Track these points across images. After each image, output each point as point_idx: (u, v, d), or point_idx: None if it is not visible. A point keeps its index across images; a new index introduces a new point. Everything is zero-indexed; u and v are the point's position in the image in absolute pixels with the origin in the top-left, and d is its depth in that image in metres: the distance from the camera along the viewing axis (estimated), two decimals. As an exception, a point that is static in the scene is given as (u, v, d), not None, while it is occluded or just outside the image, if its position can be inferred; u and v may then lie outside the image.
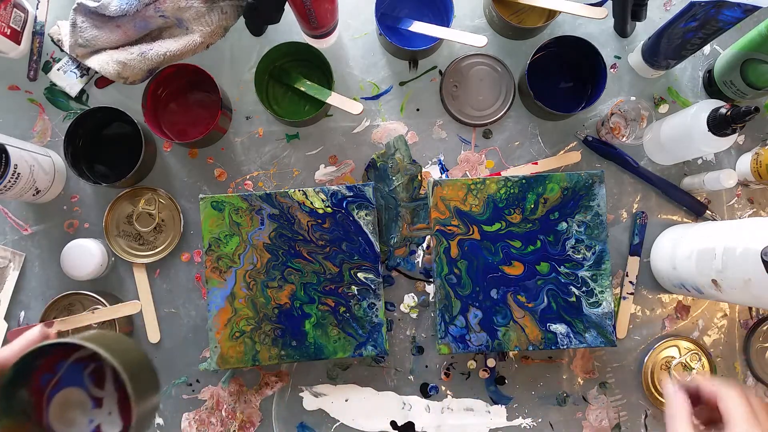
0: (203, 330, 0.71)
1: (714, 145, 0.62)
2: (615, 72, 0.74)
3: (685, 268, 0.63)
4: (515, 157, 0.73)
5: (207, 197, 0.67)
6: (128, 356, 0.41)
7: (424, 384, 0.72)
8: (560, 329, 0.66)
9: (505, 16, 0.70)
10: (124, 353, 0.40)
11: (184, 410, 0.71)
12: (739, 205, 0.73)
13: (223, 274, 0.66)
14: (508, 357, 0.72)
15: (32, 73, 0.72)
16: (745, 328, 0.72)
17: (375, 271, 0.67)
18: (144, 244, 0.71)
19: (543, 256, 0.67)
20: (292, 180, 0.73)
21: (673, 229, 0.70)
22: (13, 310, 0.71)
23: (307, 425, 0.71)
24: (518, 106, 0.74)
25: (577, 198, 0.67)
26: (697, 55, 0.74)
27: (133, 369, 0.40)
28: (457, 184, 0.67)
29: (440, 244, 0.67)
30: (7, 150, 0.61)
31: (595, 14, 0.67)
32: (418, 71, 0.74)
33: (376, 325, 0.67)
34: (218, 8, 0.65)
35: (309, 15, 0.64)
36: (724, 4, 0.56)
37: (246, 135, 0.73)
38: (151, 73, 0.68)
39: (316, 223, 0.67)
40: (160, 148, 0.73)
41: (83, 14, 0.67)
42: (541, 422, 0.71)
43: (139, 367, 0.41)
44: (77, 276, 0.68)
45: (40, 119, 0.73)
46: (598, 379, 0.72)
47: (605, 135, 0.71)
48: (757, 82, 0.65)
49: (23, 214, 0.72)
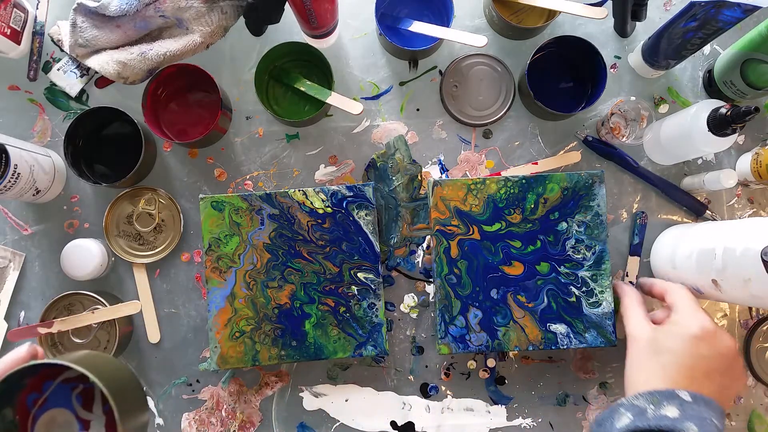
0: (203, 330, 0.71)
1: (714, 145, 0.62)
2: (615, 72, 0.74)
3: (685, 268, 0.63)
4: (515, 157, 0.73)
5: (207, 197, 0.67)
6: (117, 379, 0.39)
7: (424, 384, 0.72)
8: (560, 329, 0.66)
9: (505, 16, 0.70)
10: (112, 376, 0.39)
11: (184, 410, 0.71)
12: (739, 205, 0.73)
13: (223, 274, 0.66)
14: (508, 357, 0.72)
15: (32, 73, 0.72)
16: (745, 328, 0.72)
17: (375, 271, 0.67)
18: (144, 244, 0.71)
19: (543, 256, 0.67)
20: (292, 180, 0.73)
21: (673, 228, 0.70)
22: (13, 310, 0.71)
23: (307, 425, 0.71)
24: (518, 106, 0.74)
25: (577, 198, 0.67)
26: (697, 55, 0.74)
27: (122, 392, 0.38)
28: (457, 184, 0.67)
29: (440, 244, 0.67)
30: (7, 150, 0.61)
31: (595, 14, 0.67)
32: (418, 71, 0.74)
33: (376, 325, 0.67)
34: (218, 8, 0.65)
35: (309, 15, 0.64)
36: (724, 4, 0.56)
37: (246, 135, 0.73)
38: (151, 73, 0.68)
39: (316, 223, 0.67)
40: (160, 148, 0.73)
41: (83, 14, 0.67)
42: (541, 422, 0.71)
43: (127, 389, 0.40)
44: (77, 276, 0.68)
45: (40, 119, 0.73)
46: (598, 379, 0.72)
47: (605, 135, 0.71)
48: (757, 82, 0.65)
49: (23, 214, 0.72)
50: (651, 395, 0.51)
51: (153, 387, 0.71)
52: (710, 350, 0.54)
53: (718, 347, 0.55)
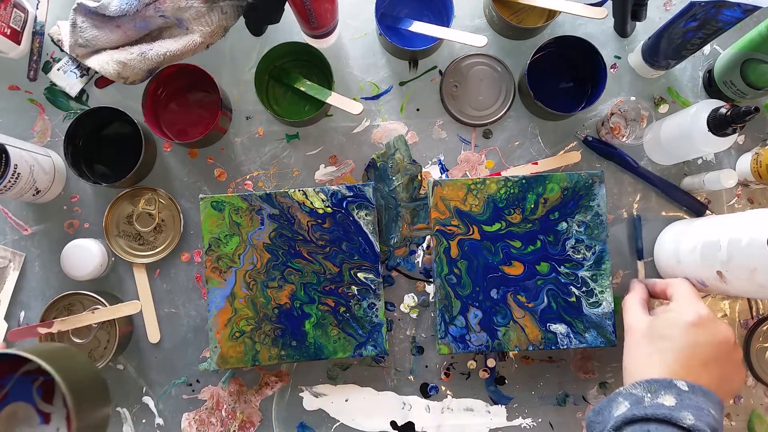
0: (203, 330, 0.71)
1: (714, 145, 0.62)
2: (615, 72, 0.74)
3: (690, 262, 0.63)
4: (515, 157, 0.73)
5: (207, 197, 0.67)
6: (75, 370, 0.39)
7: (424, 384, 0.72)
8: (560, 329, 0.66)
9: (505, 16, 0.70)
10: (69, 367, 0.38)
11: (184, 410, 0.71)
12: (739, 205, 0.73)
13: (223, 274, 0.66)
14: (508, 357, 0.72)
15: (32, 73, 0.72)
16: (745, 328, 0.72)
17: (375, 271, 0.67)
18: (144, 244, 0.71)
19: (543, 256, 0.67)
20: (292, 180, 0.73)
21: (676, 224, 0.70)
22: (13, 310, 0.71)
23: (307, 425, 0.71)
24: (518, 106, 0.73)
25: (577, 198, 0.67)
26: (697, 55, 0.74)
27: (78, 384, 0.38)
28: (457, 184, 0.67)
29: (440, 244, 0.67)
30: (7, 150, 0.61)
31: (595, 14, 0.67)
32: (418, 71, 0.74)
33: (376, 325, 0.67)
34: (218, 8, 0.65)
35: (309, 15, 0.64)
36: (724, 4, 0.56)
37: (246, 135, 0.73)
38: (151, 73, 0.68)
39: (316, 223, 0.67)
40: (160, 148, 0.73)
41: (83, 14, 0.67)
42: (541, 422, 0.71)
43: (85, 381, 0.39)
44: (77, 276, 0.68)
45: (40, 119, 0.73)
46: (598, 379, 0.72)
47: (605, 135, 0.71)
48: (757, 82, 0.65)
49: (23, 214, 0.72)
50: (648, 384, 0.51)
51: (153, 387, 0.71)
52: (707, 337, 0.54)
53: (716, 335, 0.55)
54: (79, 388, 0.37)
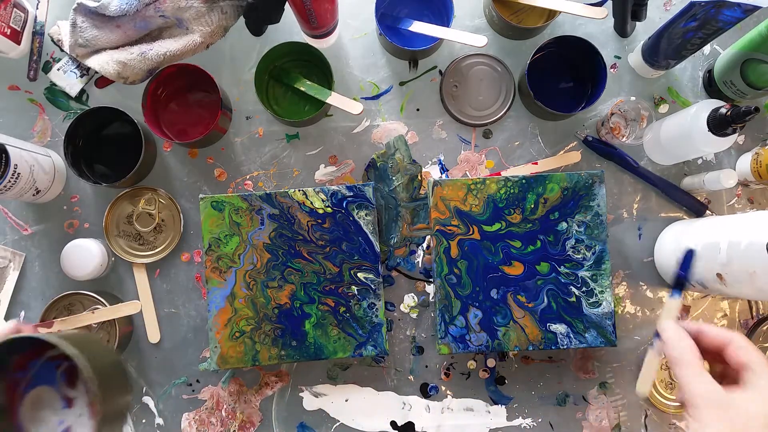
0: (203, 330, 0.71)
1: (714, 145, 0.62)
2: (615, 72, 0.74)
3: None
4: (515, 157, 0.73)
5: (207, 197, 0.67)
6: (98, 356, 0.40)
7: (424, 384, 0.72)
8: (560, 329, 0.66)
9: (505, 16, 0.70)
10: (93, 353, 0.39)
11: (184, 410, 0.71)
12: (739, 205, 0.73)
13: (223, 274, 0.66)
14: (508, 357, 0.72)
15: (32, 73, 0.72)
16: (745, 328, 0.72)
17: (375, 271, 0.67)
18: (144, 244, 0.71)
19: (543, 256, 0.67)
20: (292, 180, 0.73)
21: (676, 224, 0.70)
22: (13, 310, 0.71)
23: (307, 425, 0.71)
24: (518, 106, 0.73)
25: (577, 198, 0.67)
26: (697, 55, 0.74)
27: (102, 369, 0.39)
28: (457, 184, 0.67)
29: (440, 244, 0.67)
30: (7, 150, 0.61)
31: (595, 14, 0.67)
32: (418, 71, 0.74)
33: (376, 325, 0.67)
34: (218, 8, 0.65)
35: (309, 15, 0.64)
36: (724, 4, 0.56)
37: (246, 135, 0.73)
38: (151, 73, 0.68)
39: (316, 223, 0.67)
40: (160, 148, 0.73)
41: (83, 14, 0.67)
42: (541, 422, 0.71)
43: (108, 368, 0.40)
44: (77, 276, 0.68)
45: (40, 119, 0.73)
46: (598, 379, 0.72)
47: (605, 135, 0.71)
48: (757, 82, 0.65)
49: (23, 214, 0.72)
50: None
51: (153, 387, 0.71)
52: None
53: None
54: (101, 374, 0.38)
